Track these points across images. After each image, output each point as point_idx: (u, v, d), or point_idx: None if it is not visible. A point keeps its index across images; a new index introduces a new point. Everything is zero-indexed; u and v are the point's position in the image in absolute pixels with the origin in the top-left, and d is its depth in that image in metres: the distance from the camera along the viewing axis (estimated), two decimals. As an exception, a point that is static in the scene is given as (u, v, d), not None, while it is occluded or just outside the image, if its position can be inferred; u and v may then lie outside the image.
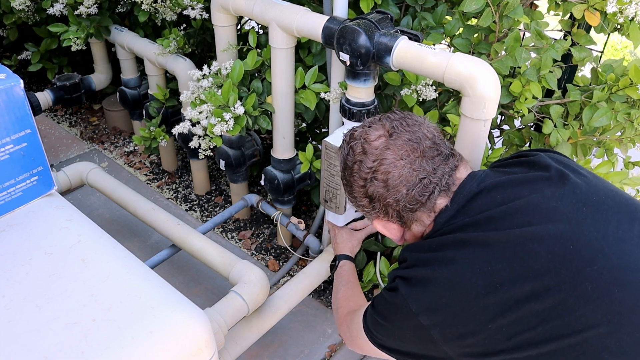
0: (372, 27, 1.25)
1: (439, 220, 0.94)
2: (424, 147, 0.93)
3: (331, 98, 1.50)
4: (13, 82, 0.96)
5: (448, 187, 0.93)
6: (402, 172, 0.92)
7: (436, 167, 0.93)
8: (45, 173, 1.08)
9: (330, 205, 1.53)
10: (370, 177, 0.94)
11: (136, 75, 2.31)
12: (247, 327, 1.47)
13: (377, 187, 0.94)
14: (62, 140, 2.65)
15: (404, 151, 0.92)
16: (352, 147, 0.97)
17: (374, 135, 0.95)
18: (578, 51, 1.37)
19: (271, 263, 2.01)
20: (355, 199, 1.00)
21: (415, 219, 0.96)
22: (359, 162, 0.95)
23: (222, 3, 1.61)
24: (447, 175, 0.93)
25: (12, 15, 2.36)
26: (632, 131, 1.30)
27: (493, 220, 0.87)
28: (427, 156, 0.93)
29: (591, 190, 0.88)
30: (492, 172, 0.97)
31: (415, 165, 0.92)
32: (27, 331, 0.83)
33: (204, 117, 1.56)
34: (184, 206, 2.27)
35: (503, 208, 0.87)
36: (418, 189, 0.92)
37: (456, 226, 0.91)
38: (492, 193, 0.91)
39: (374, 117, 1.00)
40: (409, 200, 0.93)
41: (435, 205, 0.94)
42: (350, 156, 0.97)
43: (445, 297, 0.86)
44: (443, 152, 0.95)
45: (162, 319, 0.87)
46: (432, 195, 0.92)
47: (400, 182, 0.92)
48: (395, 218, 0.97)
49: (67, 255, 0.97)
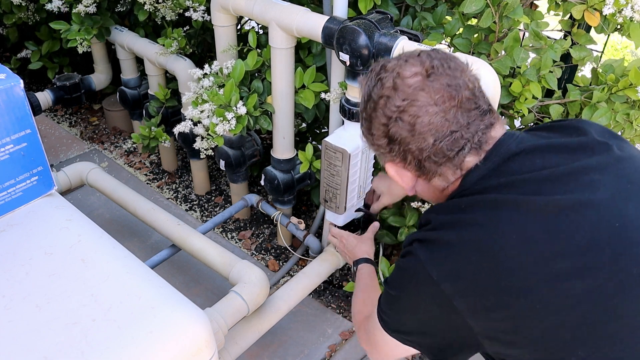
0: (372, 27, 1.25)
1: (468, 178, 0.84)
2: (463, 97, 0.82)
3: (331, 98, 1.50)
4: (13, 82, 0.96)
5: (480, 145, 0.83)
6: (433, 120, 0.81)
7: (471, 122, 0.82)
8: (45, 173, 1.08)
9: (330, 205, 1.53)
10: (395, 117, 0.83)
11: (136, 75, 2.31)
12: (247, 327, 1.47)
13: (401, 129, 0.83)
14: (62, 140, 2.65)
15: (440, 96, 0.81)
16: (381, 79, 0.85)
17: (409, 72, 0.83)
18: (578, 51, 1.37)
19: (271, 263, 2.01)
20: (372, 136, 0.89)
21: (438, 172, 0.86)
22: (386, 98, 0.84)
23: (222, 3, 1.61)
24: (481, 133, 0.83)
25: (12, 15, 2.36)
26: (631, 132, 1.30)
27: (533, 184, 0.78)
28: (464, 108, 0.82)
29: (636, 166, 0.80)
30: (530, 134, 0.88)
31: (449, 115, 0.81)
32: (27, 331, 0.83)
33: (206, 116, 1.56)
34: (184, 206, 2.28)
35: (545, 173, 0.78)
36: (447, 141, 0.82)
37: (490, 186, 0.81)
38: (531, 156, 0.82)
39: (412, 51, 0.88)
40: (434, 152, 0.83)
41: (464, 163, 0.84)
42: (377, 88, 0.86)
43: (472, 263, 0.76)
44: (481, 106, 0.84)
45: (162, 319, 0.87)
46: (462, 152, 0.83)
47: (428, 130, 0.81)
48: (413, 166, 0.87)
49: (67, 255, 0.97)
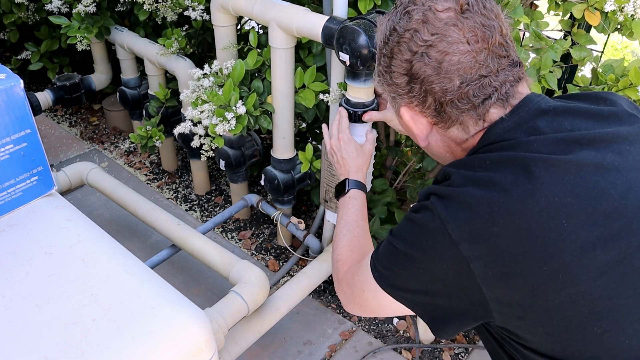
0: (372, 27, 1.25)
1: (493, 131, 0.78)
2: (496, 40, 0.76)
3: (330, 99, 1.50)
4: (13, 82, 0.96)
5: (506, 98, 0.78)
6: (463, 60, 0.75)
7: (500, 70, 0.77)
8: (45, 173, 1.08)
9: (330, 205, 1.53)
10: (422, 52, 0.77)
11: (136, 75, 2.31)
12: (247, 327, 1.47)
13: (426, 65, 0.77)
14: (62, 140, 2.65)
15: (473, 35, 0.75)
16: (409, 12, 0.78)
17: (441, 6, 0.77)
18: (578, 51, 1.37)
19: (271, 263, 2.01)
20: (390, 74, 0.82)
21: (459, 120, 0.80)
22: (414, 31, 0.77)
23: (222, 3, 1.61)
24: (509, 85, 0.78)
25: (12, 15, 2.36)
26: (632, 131, 1.30)
27: (563, 144, 0.73)
28: (495, 53, 0.76)
29: None
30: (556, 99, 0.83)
31: (480, 58, 0.75)
32: (27, 331, 0.83)
33: (205, 116, 1.56)
34: (184, 206, 2.27)
35: (576, 134, 0.74)
36: (474, 86, 0.76)
37: (517, 142, 0.75)
38: (560, 117, 0.77)
39: None
40: (458, 96, 0.77)
41: (488, 114, 0.78)
42: (403, 21, 0.78)
43: (497, 226, 0.70)
44: (511, 56, 0.78)
45: (162, 319, 0.87)
46: (488, 101, 0.77)
47: (456, 70, 0.76)
48: (432, 111, 0.81)
49: (67, 255, 0.97)
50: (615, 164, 0.72)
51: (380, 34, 0.85)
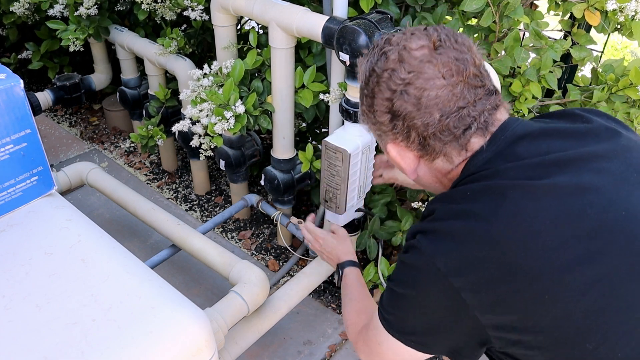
0: (372, 27, 1.25)
1: (473, 162, 0.81)
2: (470, 72, 0.79)
3: (330, 99, 1.50)
4: (13, 82, 0.96)
5: (486, 126, 0.81)
6: (440, 93, 0.78)
7: (477, 100, 0.79)
8: (45, 173, 1.08)
9: (330, 205, 1.53)
10: (401, 90, 0.80)
11: (136, 75, 2.31)
12: (247, 327, 1.47)
13: (406, 103, 0.80)
14: (62, 140, 2.65)
15: (448, 70, 0.78)
16: (385, 53, 0.82)
17: (415, 44, 0.80)
18: (578, 51, 1.37)
19: (271, 263, 2.01)
20: (373, 113, 0.85)
21: (443, 152, 0.83)
22: (391, 71, 0.81)
23: (222, 3, 1.61)
24: (487, 113, 0.80)
25: (11, 15, 2.36)
26: (632, 131, 1.30)
27: (540, 168, 0.76)
28: (471, 84, 0.79)
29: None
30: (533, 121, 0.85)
31: (457, 90, 0.78)
32: (27, 331, 0.83)
33: (204, 115, 1.56)
34: (184, 206, 2.27)
35: (552, 157, 0.76)
36: (454, 118, 0.79)
37: (496, 171, 0.78)
38: (537, 140, 0.79)
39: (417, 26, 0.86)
40: (440, 129, 0.80)
41: (469, 144, 0.81)
42: (380, 62, 0.82)
43: (481, 255, 0.73)
44: (487, 85, 0.81)
45: (162, 319, 0.87)
46: (468, 131, 0.80)
47: (435, 104, 0.78)
48: (416, 145, 0.83)
49: (67, 255, 0.97)
50: (593, 183, 0.74)
51: (361, 74, 0.88)
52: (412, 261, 0.80)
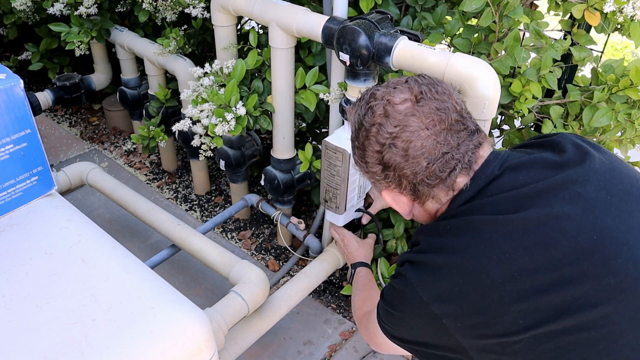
0: (372, 27, 1.25)
1: (456, 200, 0.88)
2: (452, 119, 0.86)
3: (330, 99, 1.50)
4: (13, 82, 0.96)
5: (470, 165, 0.87)
6: (425, 143, 0.85)
7: (460, 143, 0.86)
8: (45, 173, 1.08)
9: (330, 205, 1.53)
10: (389, 143, 0.87)
11: (136, 75, 2.31)
12: (247, 327, 1.47)
13: (395, 155, 0.87)
14: (62, 140, 2.65)
15: (430, 120, 0.85)
16: (371, 108, 0.89)
17: (398, 98, 0.87)
18: (578, 51, 1.37)
19: (271, 263, 2.01)
20: (366, 164, 0.93)
21: (431, 195, 0.90)
22: (379, 125, 0.87)
23: (222, 3, 1.61)
24: (471, 153, 0.87)
25: (12, 15, 2.36)
26: (632, 132, 1.30)
27: (513, 201, 0.82)
28: (453, 130, 0.86)
29: (616, 177, 0.83)
30: (514, 152, 0.92)
31: (440, 138, 0.85)
32: (27, 331, 0.83)
33: (205, 115, 1.56)
34: (184, 206, 2.28)
35: (525, 190, 0.82)
36: (439, 163, 0.85)
37: (473, 207, 0.85)
38: (514, 173, 0.85)
39: (399, 78, 0.93)
40: (427, 175, 0.86)
41: (455, 183, 0.88)
42: (368, 117, 0.89)
43: (458, 286, 0.80)
44: (469, 127, 0.88)
45: (162, 319, 0.87)
46: (453, 172, 0.87)
47: (421, 154, 0.85)
48: (409, 191, 0.90)
49: (67, 255, 0.97)
50: (564, 210, 0.79)
51: (351, 125, 0.95)
52: (400, 287, 0.89)
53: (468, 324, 0.81)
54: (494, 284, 0.78)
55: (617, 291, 0.75)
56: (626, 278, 0.75)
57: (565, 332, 0.75)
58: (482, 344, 0.81)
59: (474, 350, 0.83)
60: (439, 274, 0.83)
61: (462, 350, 0.84)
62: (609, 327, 0.74)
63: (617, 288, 0.75)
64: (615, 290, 0.75)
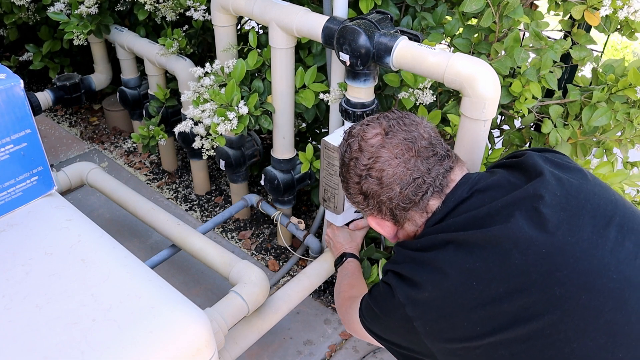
0: (372, 27, 1.25)
1: (429, 221, 0.96)
2: (419, 146, 0.95)
3: (330, 99, 1.50)
4: (13, 82, 0.96)
5: (441, 189, 0.95)
6: (396, 171, 0.94)
7: (431, 168, 0.94)
8: (45, 173, 1.08)
9: (328, 204, 1.53)
10: (365, 174, 0.96)
11: (136, 75, 2.31)
12: (247, 327, 1.47)
13: (371, 184, 0.96)
14: (62, 140, 2.65)
15: (399, 150, 0.94)
16: (349, 144, 1.00)
17: (370, 134, 0.97)
18: (578, 51, 1.36)
19: (271, 263, 2.01)
20: (350, 195, 1.03)
21: (408, 218, 0.98)
22: (355, 159, 0.98)
23: (222, 3, 1.61)
24: (442, 177, 0.95)
25: (12, 15, 2.36)
26: (631, 131, 1.30)
27: (475, 220, 0.89)
28: (422, 156, 0.94)
29: (572, 193, 0.88)
30: (486, 174, 0.99)
31: (410, 165, 0.94)
32: (27, 331, 0.83)
33: (207, 115, 1.55)
34: (184, 206, 2.28)
35: (485, 209, 0.90)
36: (411, 188, 0.94)
37: (442, 227, 0.93)
38: (481, 195, 0.93)
39: (373, 115, 1.02)
40: (402, 199, 0.95)
41: (428, 206, 0.96)
42: (347, 153, 1.00)
43: (427, 292, 0.89)
44: (438, 152, 0.96)
45: (162, 319, 0.87)
46: (425, 196, 0.95)
47: (394, 181, 0.94)
48: (389, 216, 0.99)
49: (67, 255, 0.97)
50: (519, 224, 0.85)
51: (338, 160, 1.06)
52: (384, 290, 0.97)
53: (435, 328, 0.88)
54: (456, 292, 0.85)
55: (561, 300, 0.79)
56: (571, 288, 0.80)
57: (518, 341, 0.81)
58: (448, 348, 0.88)
59: (440, 354, 0.90)
60: (411, 281, 0.91)
61: (430, 354, 0.91)
62: (556, 336, 0.79)
63: (561, 298, 0.80)
64: (560, 300, 0.79)
